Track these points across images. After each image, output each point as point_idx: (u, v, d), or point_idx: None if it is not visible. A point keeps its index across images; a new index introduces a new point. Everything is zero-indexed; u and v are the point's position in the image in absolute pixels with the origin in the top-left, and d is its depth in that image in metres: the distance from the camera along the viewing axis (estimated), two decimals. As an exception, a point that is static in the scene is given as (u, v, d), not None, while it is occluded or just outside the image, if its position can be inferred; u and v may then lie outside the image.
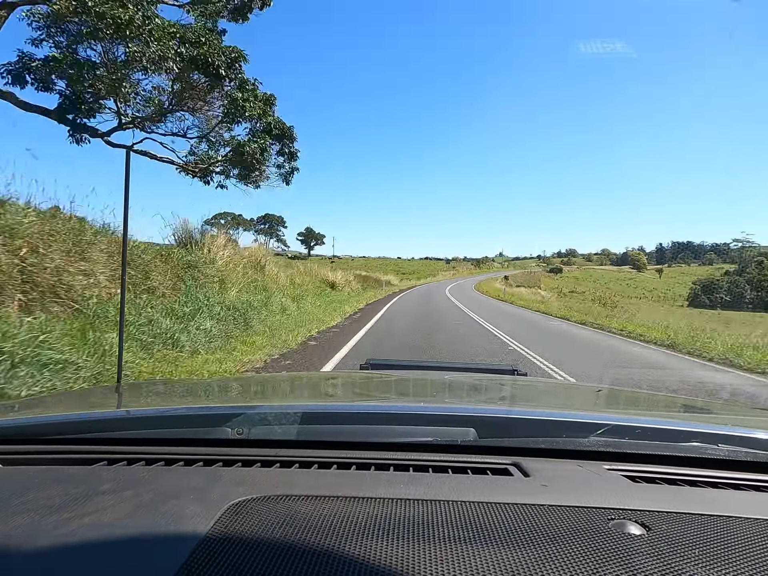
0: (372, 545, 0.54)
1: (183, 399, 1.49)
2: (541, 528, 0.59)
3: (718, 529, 0.61)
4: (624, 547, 0.55)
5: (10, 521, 0.58)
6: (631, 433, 0.92)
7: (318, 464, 0.81)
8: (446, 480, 0.75)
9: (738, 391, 6.74)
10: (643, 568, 0.51)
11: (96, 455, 0.85)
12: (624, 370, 7.63)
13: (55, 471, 0.77)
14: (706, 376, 7.70)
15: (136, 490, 0.67)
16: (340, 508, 0.63)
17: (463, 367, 2.36)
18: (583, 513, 0.64)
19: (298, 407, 1.07)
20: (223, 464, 0.81)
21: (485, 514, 0.62)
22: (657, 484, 0.78)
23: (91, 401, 1.42)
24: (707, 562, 0.53)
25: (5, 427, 0.97)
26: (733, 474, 0.83)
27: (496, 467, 0.82)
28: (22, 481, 0.71)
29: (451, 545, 0.54)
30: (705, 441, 0.90)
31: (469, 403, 1.35)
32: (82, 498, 0.64)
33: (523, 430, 0.94)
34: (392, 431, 0.93)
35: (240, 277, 11.02)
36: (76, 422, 1.00)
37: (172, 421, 0.99)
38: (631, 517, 0.63)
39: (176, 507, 0.62)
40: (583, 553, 0.53)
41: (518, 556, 0.53)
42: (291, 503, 0.64)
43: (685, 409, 1.59)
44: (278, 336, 8.58)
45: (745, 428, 1.01)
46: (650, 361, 8.90)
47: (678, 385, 6.71)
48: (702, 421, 1.23)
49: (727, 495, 0.76)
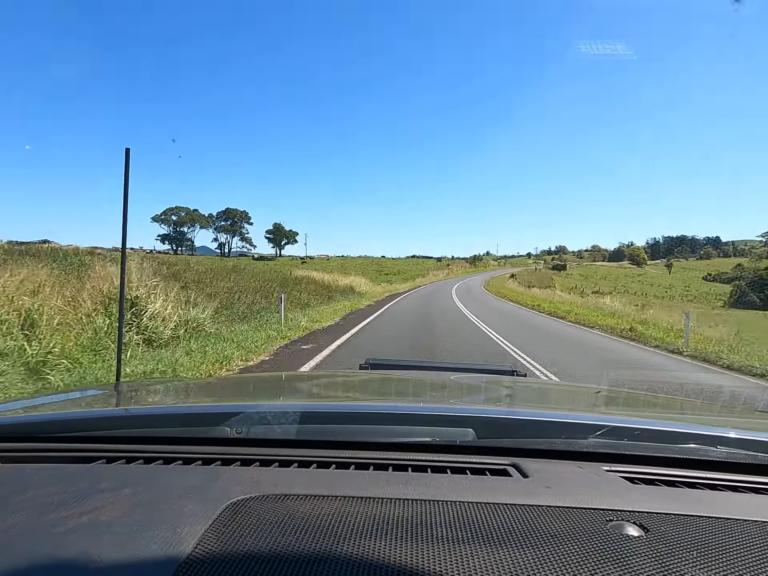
0: (370, 545, 0.54)
1: (182, 398, 1.50)
2: (540, 529, 0.59)
3: (716, 531, 0.60)
4: (622, 549, 0.55)
5: (8, 519, 0.59)
6: (630, 434, 0.91)
7: (317, 464, 0.82)
8: (445, 480, 0.75)
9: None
10: (641, 569, 0.51)
11: (95, 453, 0.86)
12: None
13: (54, 469, 0.78)
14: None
15: (134, 488, 0.67)
16: (339, 507, 0.63)
17: (462, 367, 2.34)
18: (582, 514, 0.63)
19: (297, 406, 1.08)
20: (222, 463, 0.81)
21: (484, 514, 0.62)
22: (656, 486, 0.78)
23: (90, 399, 1.44)
24: (705, 564, 0.52)
25: (4, 424, 0.98)
26: (732, 476, 0.82)
27: (495, 468, 0.82)
28: (21, 478, 0.72)
29: (449, 545, 0.54)
30: (704, 443, 0.89)
31: (468, 404, 1.34)
32: (80, 496, 0.65)
33: (522, 430, 0.94)
34: (391, 431, 0.93)
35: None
36: (75, 420, 1.02)
37: (171, 420, 1.00)
38: (630, 519, 0.62)
39: (175, 506, 0.62)
40: (582, 554, 0.53)
41: (516, 556, 0.52)
42: (289, 503, 0.64)
43: (685, 410, 1.57)
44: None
45: (744, 430, 0.99)
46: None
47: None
48: (701, 423, 1.21)
49: (725, 497, 0.75)
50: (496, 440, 0.91)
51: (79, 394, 1.59)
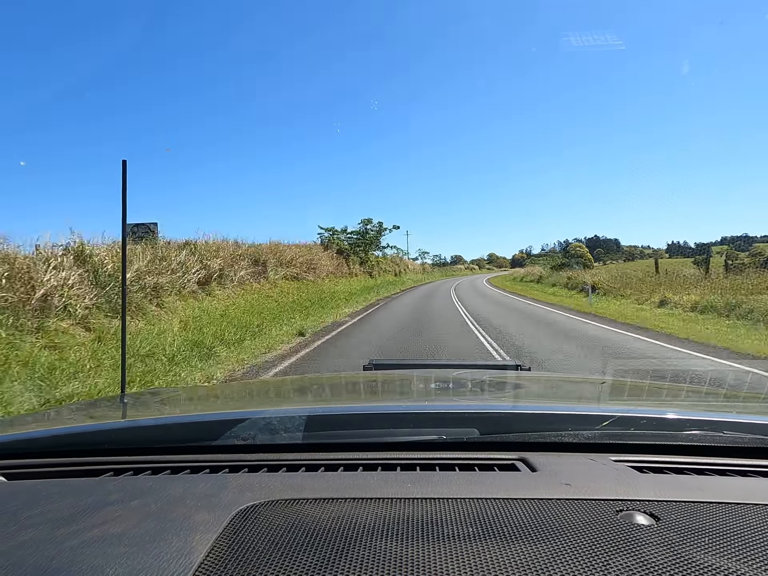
0: (382, 546, 0.54)
1: (187, 407, 1.50)
2: (550, 522, 0.59)
3: (726, 517, 0.60)
4: (634, 538, 0.55)
5: (19, 535, 0.58)
6: (636, 423, 0.91)
7: (324, 467, 0.82)
8: (454, 478, 0.75)
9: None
10: (653, 558, 0.51)
11: (102, 466, 0.85)
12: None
13: (61, 484, 0.77)
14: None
15: (143, 499, 0.67)
16: (349, 510, 0.63)
17: (466, 364, 2.34)
18: (592, 505, 0.63)
19: (303, 410, 1.07)
20: (230, 470, 0.81)
21: (494, 510, 0.62)
22: (664, 474, 0.78)
23: (96, 413, 1.43)
24: (717, 550, 0.53)
25: (11, 441, 0.98)
26: (740, 461, 0.83)
27: (503, 463, 0.82)
28: (30, 495, 0.72)
29: (460, 543, 0.54)
30: (711, 429, 0.90)
31: (473, 400, 1.34)
32: (90, 509, 0.64)
33: (529, 425, 0.94)
34: (398, 431, 0.93)
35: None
36: (82, 434, 1.01)
37: (177, 430, 1.00)
38: (640, 508, 0.63)
39: (184, 515, 0.62)
40: (593, 546, 0.53)
41: (528, 550, 0.52)
42: (299, 507, 0.64)
43: (690, 397, 1.57)
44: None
45: (751, 415, 1.00)
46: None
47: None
48: (707, 410, 1.22)
49: (734, 482, 0.75)
50: (503, 435, 0.91)
51: (83, 407, 1.58)
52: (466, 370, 2.07)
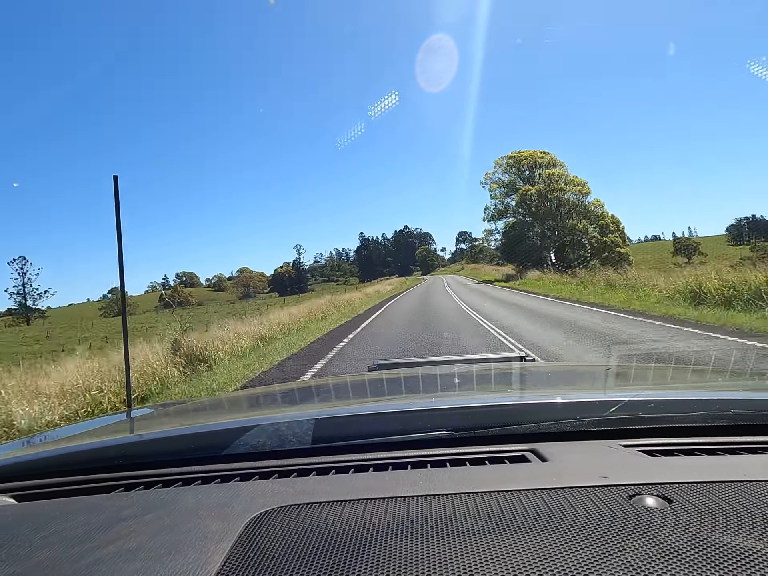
0: (398, 545, 0.54)
1: (194, 418, 1.49)
2: (563, 511, 0.59)
3: (740, 495, 0.60)
4: (648, 522, 0.55)
5: (35, 556, 0.58)
6: (643, 407, 0.91)
7: (335, 469, 0.82)
8: (465, 473, 0.75)
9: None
10: (668, 540, 0.51)
11: (113, 482, 0.85)
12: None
13: (74, 502, 0.77)
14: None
15: (156, 512, 0.67)
16: (362, 511, 0.63)
17: (470, 359, 2.35)
18: (604, 492, 0.63)
19: (310, 414, 1.07)
20: (241, 479, 0.81)
21: (507, 502, 0.62)
22: (675, 456, 0.78)
23: (103, 429, 1.43)
24: (732, 529, 0.53)
25: (19, 462, 0.97)
26: (750, 438, 0.83)
27: (513, 455, 0.82)
28: (42, 515, 0.71)
29: (475, 537, 0.54)
30: (719, 408, 0.90)
31: (480, 394, 1.34)
32: (104, 526, 0.64)
33: (537, 415, 0.94)
34: (406, 429, 0.93)
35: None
36: (90, 451, 1.01)
37: (186, 441, 0.99)
38: (652, 492, 0.63)
39: (198, 525, 0.62)
40: (608, 532, 0.53)
41: (543, 540, 0.52)
42: (312, 511, 0.64)
43: (695, 378, 1.58)
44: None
45: (758, 392, 1.00)
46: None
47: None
48: (713, 389, 1.22)
49: (745, 460, 0.75)
50: (511, 428, 0.91)
51: (90, 424, 1.58)
52: (471, 365, 2.07)
